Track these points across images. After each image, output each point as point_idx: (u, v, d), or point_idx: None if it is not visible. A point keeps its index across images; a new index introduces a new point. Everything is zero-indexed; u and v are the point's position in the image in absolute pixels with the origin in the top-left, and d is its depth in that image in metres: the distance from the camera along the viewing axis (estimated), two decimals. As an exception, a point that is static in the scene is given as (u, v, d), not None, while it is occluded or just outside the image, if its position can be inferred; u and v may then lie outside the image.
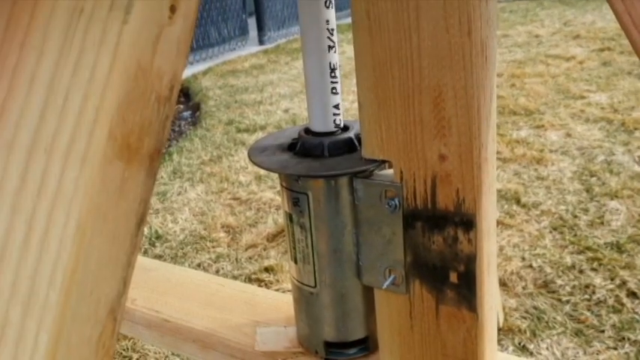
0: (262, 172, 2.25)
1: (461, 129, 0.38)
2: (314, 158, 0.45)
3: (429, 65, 0.38)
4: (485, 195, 0.40)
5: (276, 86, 3.65)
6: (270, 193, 2.08)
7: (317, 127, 0.47)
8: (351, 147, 0.46)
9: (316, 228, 0.45)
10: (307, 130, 0.48)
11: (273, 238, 1.76)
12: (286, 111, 3.13)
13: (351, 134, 0.46)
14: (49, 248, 0.21)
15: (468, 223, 0.40)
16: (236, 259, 1.67)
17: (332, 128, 0.47)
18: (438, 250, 0.42)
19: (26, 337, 0.20)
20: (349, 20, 0.38)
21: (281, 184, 0.47)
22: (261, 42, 5.39)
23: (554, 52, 3.88)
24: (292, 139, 0.48)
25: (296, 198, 0.45)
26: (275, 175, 2.24)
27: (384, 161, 0.43)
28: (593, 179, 1.98)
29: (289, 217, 0.47)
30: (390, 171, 0.43)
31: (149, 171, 0.23)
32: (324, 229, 0.45)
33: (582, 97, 2.87)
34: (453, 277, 0.42)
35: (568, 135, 2.40)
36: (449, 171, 0.40)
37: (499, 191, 1.90)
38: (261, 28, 5.42)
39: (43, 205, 0.21)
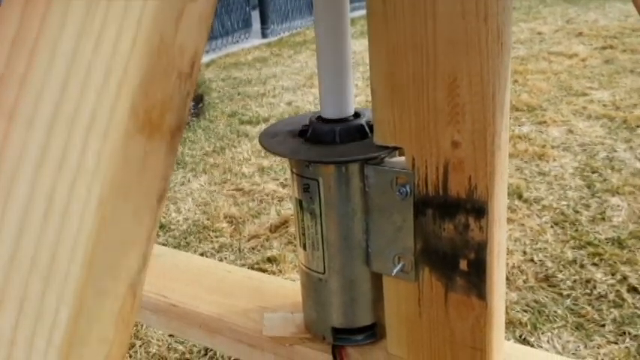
0: (265, 163, 2.25)
1: (475, 116, 0.38)
2: (325, 144, 0.45)
3: (444, 51, 0.38)
4: (498, 182, 0.40)
5: (279, 79, 3.64)
6: (273, 184, 2.08)
7: (328, 114, 0.47)
8: (362, 134, 0.46)
9: (326, 214, 0.45)
10: (318, 117, 0.47)
11: (275, 229, 1.76)
12: (289, 104, 3.12)
13: (362, 121, 0.46)
14: (71, 222, 0.21)
15: (480, 210, 0.40)
16: (239, 249, 1.67)
17: (343, 115, 0.47)
18: (449, 238, 0.42)
19: (46, 311, 0.20)
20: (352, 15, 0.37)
21: (291, 170, 0.47)
22: (264, 35, 5.38)
23: (557, 50, 3.87)
24: (303, 126, 0.48)
25: (306, 184, 0.45)
26: (278, 167, 2.24)
27: (395, 148, 0.43)
28: (595, 175, 1.98)
29: (299, 204, 0.47)
30: (402, 158, 0.43)
31: (170, 147, 0.23)
32: (334, 215, 0.45)
33: (584, 94, 2.87)
34: (463, 265, 0.42)
35: (570, 131, 2.40)
36: (461, 158, 0.40)
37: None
38: (264, 21, 5.41)
39: (64, 180, 0.21)
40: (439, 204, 0.41)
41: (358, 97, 2.90)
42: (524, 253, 1.55)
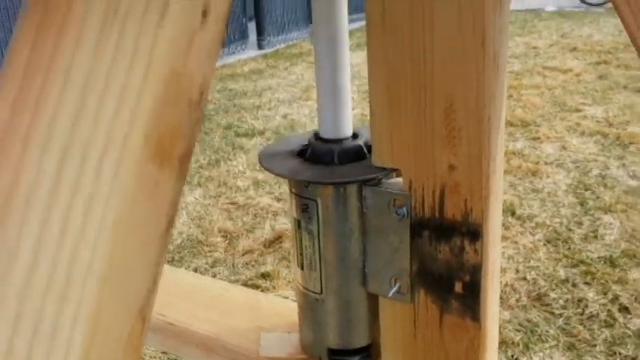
0: (260, 177, 2.25)
1: (471, 139, 0.39)
2: (324, 165, 0.46)
3: (441, 75, 0.38)
4: (493, 206, 0.41)
5: (275, 91, 3.65)
6: (268, 198, 2.08)
7: (327, 134, 0.48)
8: (360, 155, 0.46)
9: (324, 235, 0.46)
10: (317, 136, 0.48)
11: (270, 244, 1.76)
12: (285, 116, 3.13)
13: (360, 142, 0.47)
14: (84, 248, 0.21)
15: (475, 233, 0.41)
16: (232, 264, 1.67)
17: (341, 135, 0.47)
18: (444, 260, 0.43)
19: (60, 334, 0.21)
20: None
21: (290, 190, 0.47)
22: (260, 47, 5.40)
23: (551, 64, 3.91)
24: (302, 145, 0.49)
25: (305, 204, 0.46)
26: (273, 181, 2.24)
27: (393, 169, 0.43)
28: (588, 193, 2.00)
29: (297, 223, 0.47)
30: (399, 179, 0.43)
31: (179, 174, 0.23)
32: (332, 235, 0.46)
33: (578, 110, 2.90)
34: (458, 287, 0.43)
35: (563, 148, 2.42)
36: (458, 181, 0.40)
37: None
38: (260, 32, 5.44)
39: (78, 205, 0.22)
40: (435, 226, 0.42)
41: (354, 110, 2.91)
42: (517, 271, 1.56)
